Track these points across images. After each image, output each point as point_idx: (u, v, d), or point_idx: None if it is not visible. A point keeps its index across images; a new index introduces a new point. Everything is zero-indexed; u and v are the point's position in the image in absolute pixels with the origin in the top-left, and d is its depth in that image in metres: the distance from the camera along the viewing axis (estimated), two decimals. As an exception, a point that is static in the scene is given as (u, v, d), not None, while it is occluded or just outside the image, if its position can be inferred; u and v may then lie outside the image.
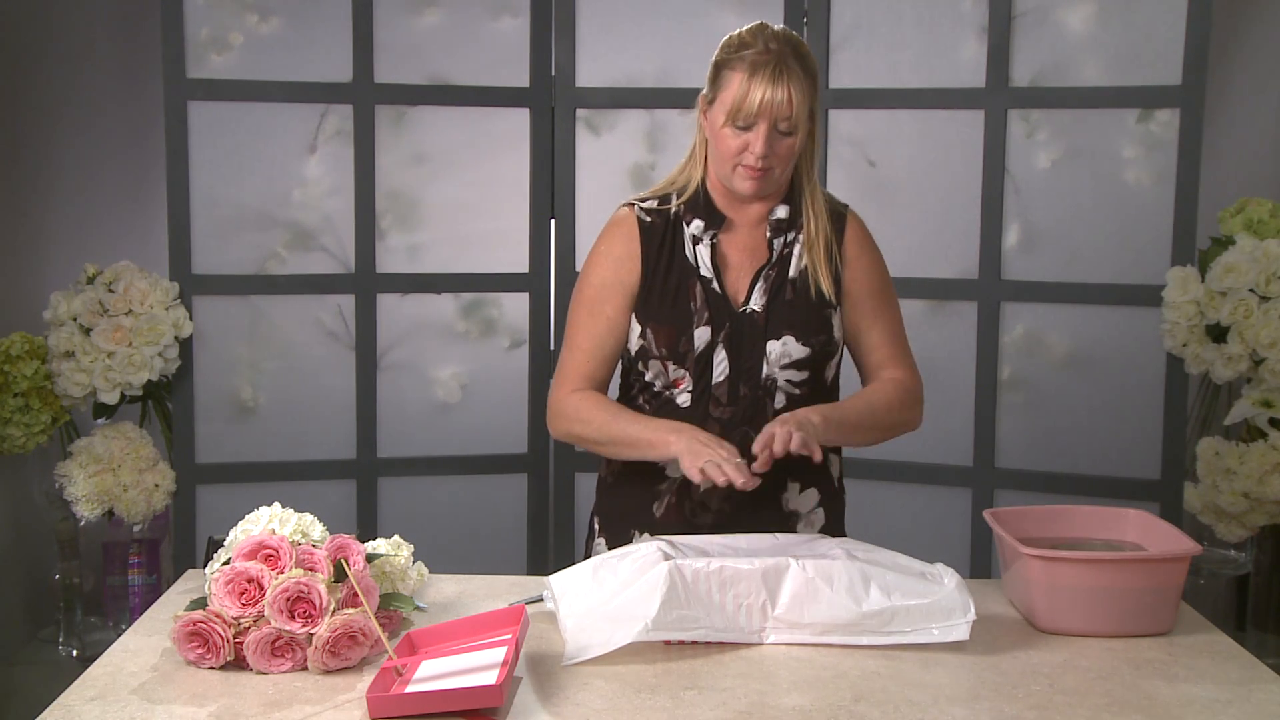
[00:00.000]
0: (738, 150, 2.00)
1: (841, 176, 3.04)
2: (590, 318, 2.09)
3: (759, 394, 2.06)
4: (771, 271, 2.08)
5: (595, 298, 2.09)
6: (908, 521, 3.04)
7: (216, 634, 1.65)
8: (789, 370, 2.06)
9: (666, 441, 1.97)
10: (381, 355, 3.08)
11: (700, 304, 2.06)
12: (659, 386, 2.09)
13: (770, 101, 1.95)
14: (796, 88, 1.96)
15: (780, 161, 2.01)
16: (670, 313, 2.06)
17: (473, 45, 3.06)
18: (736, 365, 2.06)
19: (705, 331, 2.05)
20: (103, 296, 2.89)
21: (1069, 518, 2.05)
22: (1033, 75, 2.94)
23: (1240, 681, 1.69)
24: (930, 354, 3.03)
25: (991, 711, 1.58)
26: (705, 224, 2.08)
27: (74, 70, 3.24)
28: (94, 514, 2.86)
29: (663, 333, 2.06)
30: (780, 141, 1.99)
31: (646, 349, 2.07)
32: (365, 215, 3.03)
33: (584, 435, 2.08)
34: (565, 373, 2.11)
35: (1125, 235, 2.93)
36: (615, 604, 1.75)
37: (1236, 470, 2.83)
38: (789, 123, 1.97)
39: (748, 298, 2.07)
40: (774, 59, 1.96)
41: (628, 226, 2.10)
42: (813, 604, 1.76)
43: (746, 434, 2.04)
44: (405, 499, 3.11)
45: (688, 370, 2.06)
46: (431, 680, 1.61)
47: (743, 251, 2.09)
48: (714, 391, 2.06)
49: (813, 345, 2.06)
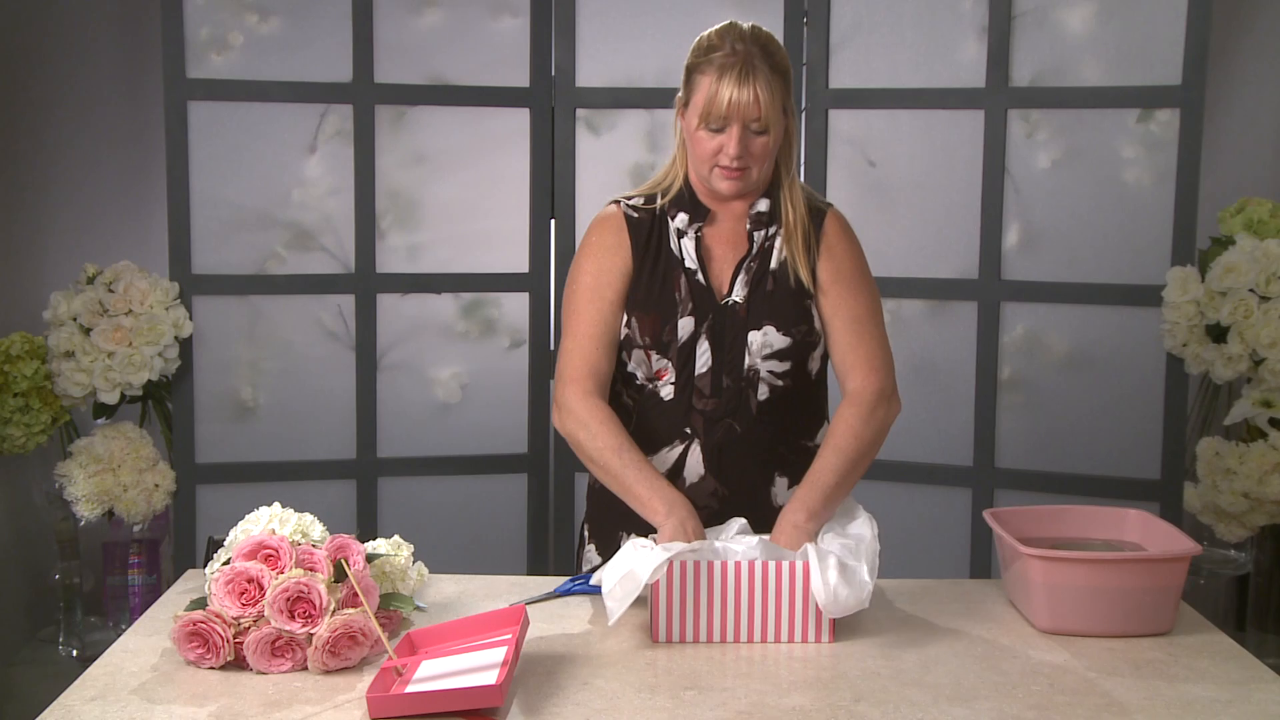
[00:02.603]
0: (713, 152, 2.01)
1: (841, 176, 3.05)
2: (591, 304, 2.07)
3: (741, 385, 2.07)
4: (753, 263, 2.09)
5: (594, 285, 2.08)
6: (908, 521, 3.04)
7: (216, 634, 1.65)
8: (771, 361, 2.07)
9: (655, 510, 1.91)
10: (381, 355, 3.08)
11: (685, 295, 2.07)
12: (641, 378, 2.09)
13: (739, 103, 1.96)
14: (764, 87, 1.97)
15: (756, 160, 2.02)
16: (655, 302, 2.07)
17: (473, 45, 3.06)
18: (719, 356, 2.07)
19: (689, 322, 2.06)
20: (103, 296, 2.89)
21: (1069, 518, 2.05)
22: (1033, 75, 2.94)
23: (1240, 681, 1.69)
24: (930, 354, 3.04)
25: (991, 711, 1.58)
26: (690, 217, 2.09)
27: (74, 70, 3.24)
28: (94, 514, 2.86)
29: (647, 321, 2.07)
30: (754, 141, 2.00)
31: (631, 338, 2.08)
32: (365, 215, 3.03)
33: (583, 444, 2.01)
34: (572, 363, 2.05)
35: (1125, 235, 2.93)
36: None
37: (1236, 470, 2.83)
38: (760, 122, 1.99)
39: (730, 289, 2.08)
40: (740, 60, 1.97)
41: (615, 220, 2.11)
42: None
43: (730, 427, 2.06)
44: (405, 499, 3.11)
45: (670, 361, 2.07)
46: (431, 680, 1.61)
47: (725, 244, 2.10)
48: (697, 383, 2.07)
49: (794, 335, 2.07)
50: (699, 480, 2.08)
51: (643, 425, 2.09)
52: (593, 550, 2.20)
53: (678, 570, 1.79)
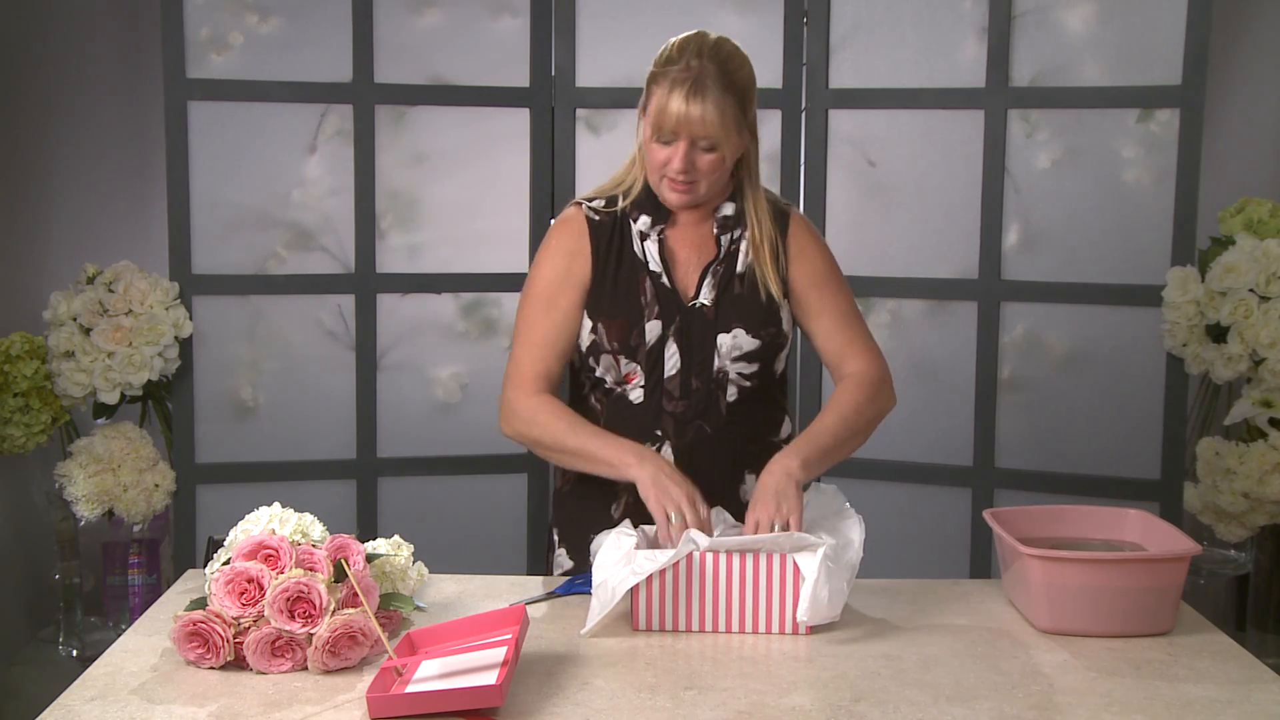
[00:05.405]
0: (662, 163, 2.01)
1: (841, 176, 3.05)
2: (544, 313, 2.08)
3: (711, 387, 2.08)
4: (720, 267, 2.09)
5: (548, 292, 2.09)
6: (908, 521, 3.04)
7: (216, 634, 1.65)
8: (739, 363, 2.08)
9: (626, 463, 1.95)
10: (381, 355, 3.08)
11: (650, 298, 2.07)
12: (610, 382, 2.10)
13: (686, 119, 1.96)
14: (713, 106, 1.95)
15: (704, 176, 2.01)
16: (621, 306, 2.07)
17: (473, 45, 3.06)
18: (688, 359, 2.07)
19: (656, 325, 2.07)
20: (103, 296, 2.89)
21: (1069, 518, 2.05)
22: (1033, 75, 2.94)
23: (1240, 681, 1.69)
24: (930, 354, 3.04)
25: (991, 711, 1.58)
26: (652, 220, 2.10)
27: (74, 70, 3.24)
28: (94, 514, 2.86)
29: (614, 326, 2.07)
30: (701, 157, 2.00)
31: (598, 344, 2.08)
32: (365, 215, 3.03)
33: (538, 440, 2.05)
34: (520, 370, 2.08)
35: (1125, 235, 2.93)
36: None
37: (1236, 470, 2.83)
38: (707, 140, 1.98)
39: (697, 292, 2.09)
40: (692, 77, 1.95)
41: (576, 224, 2.12)
42: None
43: (701, 428, 2.08)
44: (405, 499, 3.11)
45: (639, 364, 2.07)
46: (431, 680, 1.61)
47: (690, 247, 2.11)
48: (666, 386, 2.07)
49: (762, 337, 2.08)
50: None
51: (613, 428, 2.09)
52: (563, 554, 2.21)
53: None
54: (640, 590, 1.81)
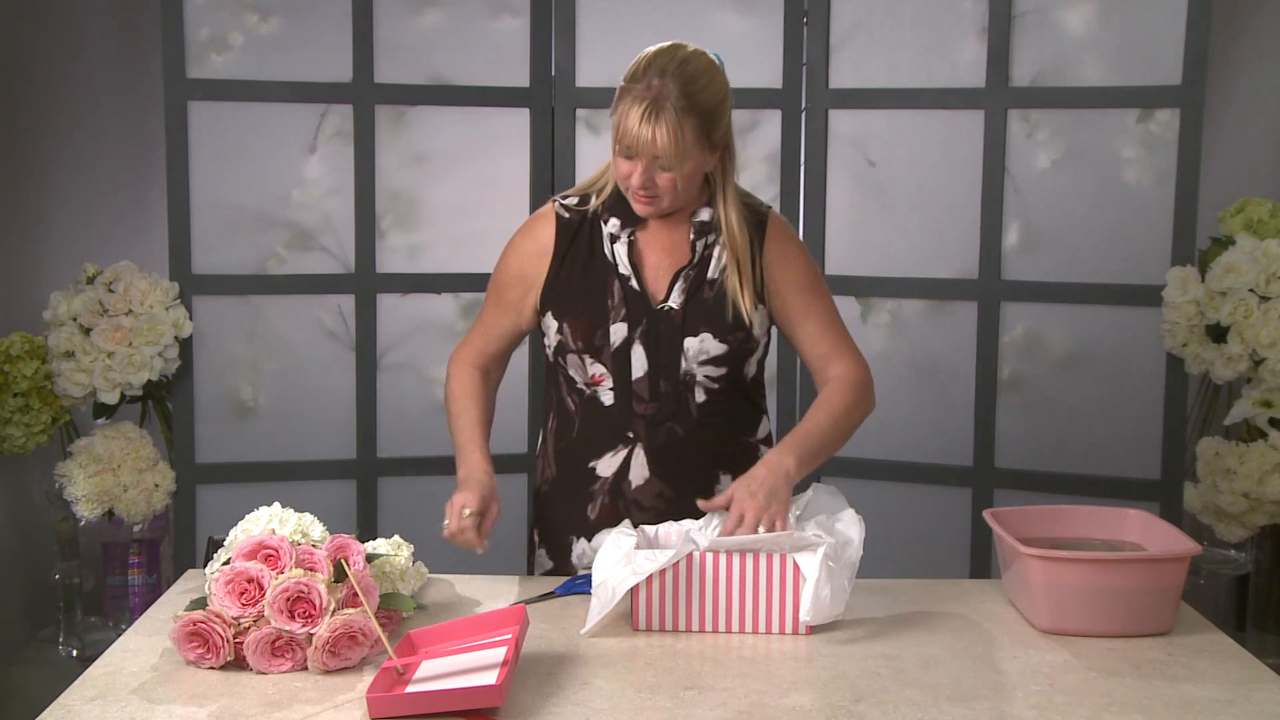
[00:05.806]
0: (625, 175, 2.03)
1: (841, 176, 3.05)
2: (493, 301, 2.20)
3: (680, 389, 2.09)
4: (691, 271, 2.10)
5: (500, 283, 2.19)
6: (908, 521, 3.04)
7: (216, 634, 1.65)
8: (707, 366, 2.09)
9: (459, 463, 2.12)
10: (381, 355, 3.08)
11: (617, 300, 2.08)
12: (580, 383, 2.12)
13: (641, 140, 1.96)
14: (669, 129, 1.94)
15: (665, 192, 2.02)
16: (586, 307, 2.09)
17: (473, 45, 3.06)
18: (655, 361, 2.08)
19: (622, 328, 2.08)
20: (103, 296, 2.89)
21: (1069, 518, 2.05)
22: (1033, 75, 2.94)
23: (1240, 681, 1.69)
24: (930, 354, 3.04)
25: (991, 711, 1.58)
26: (622, 222, 2.10)
27: (74, 70, 3.24)
28: (94, 514, 2.86)
29: (579, 326, 2.09)
30: (660, 175, 2.00)
31: (564, 343, 2.10)
32: (365, 215, 3.03)
33: (444, 404, 2.21)
34: (467, 340, 2.24)
35: (1125, 235, 2.93)
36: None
37: (1236, 470, 2.83)
38: (663, 161, 1.97)
39: (667, 295, 2.09)
40: (650, 98, 1.94)
41: (545, 222, 2.15)
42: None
43: (672, 430, 2.09)
44: (405, 499, 3.11)
45: (604, 365, 2.08)
46: (431, 680, 1.61)
47: (662, 251, 2.11)
48: (635, 388, 2.08)
49: (730, 342, 2.08)
50: (644, 483, 2.10)
51: (587, 430, 2.11)
52: (544, 555, 2.23)
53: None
54: (640, 590, 1.81)
